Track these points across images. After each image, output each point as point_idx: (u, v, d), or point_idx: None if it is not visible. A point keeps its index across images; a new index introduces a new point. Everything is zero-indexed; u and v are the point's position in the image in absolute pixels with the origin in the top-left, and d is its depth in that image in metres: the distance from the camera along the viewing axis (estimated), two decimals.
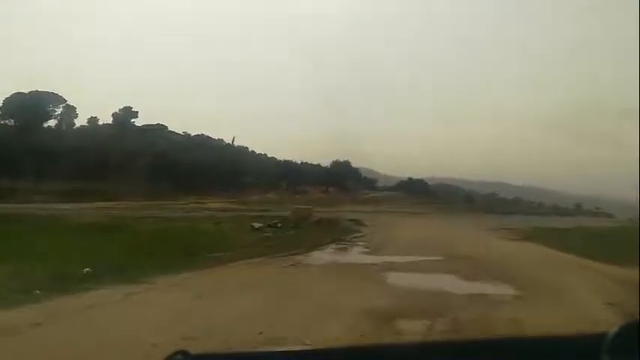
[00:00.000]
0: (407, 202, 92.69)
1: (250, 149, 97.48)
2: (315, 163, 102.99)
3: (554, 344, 1.44)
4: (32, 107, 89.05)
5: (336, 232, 30.97)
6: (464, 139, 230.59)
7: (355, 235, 30.12)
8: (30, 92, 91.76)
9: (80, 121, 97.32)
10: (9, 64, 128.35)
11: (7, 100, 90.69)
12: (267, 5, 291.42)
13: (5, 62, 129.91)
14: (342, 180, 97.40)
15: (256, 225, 34.06)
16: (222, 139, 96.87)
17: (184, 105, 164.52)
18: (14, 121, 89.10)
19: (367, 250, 22.93)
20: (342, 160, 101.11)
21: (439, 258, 19.87)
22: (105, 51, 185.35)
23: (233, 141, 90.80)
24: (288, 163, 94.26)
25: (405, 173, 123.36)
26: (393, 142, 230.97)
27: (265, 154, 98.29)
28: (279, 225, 34.80)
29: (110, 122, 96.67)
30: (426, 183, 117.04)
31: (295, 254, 20.30)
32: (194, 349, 1.40)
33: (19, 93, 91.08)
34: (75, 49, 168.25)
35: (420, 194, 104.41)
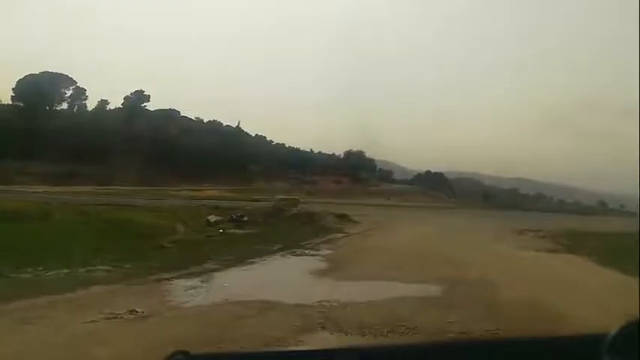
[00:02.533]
0: (422, 197, 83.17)
1: (261, 136, 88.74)
2: (329, 152, 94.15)
3: (555, 344, 1.40)
4: (41, 88, 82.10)
5: (308, 231, 22.26)
6: (483, 134, 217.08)
7: (330, 236, 21.25)
8: (40, 73, 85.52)
9: (91, 104, 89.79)
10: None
11: (19, 82, 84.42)
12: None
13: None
14: (355, 171, 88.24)
15: (213, 219, 25.54)
16: (231, 126, 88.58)
17: (198, 92, 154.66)
18: (21, 102, 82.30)
19: (322, 267, 13.91)
20: (355, 150, 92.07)
21: (431, 293, 10.83)
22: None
23: (238, 125, 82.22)
24: (297, 152, 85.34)
25: (423, 167, 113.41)
26: (412, 135, 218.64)
27: (276, 142, 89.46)
28: (244, 219, 26.23)
29: (120, 106, 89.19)
30: (445, 177, 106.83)
31: (194, 274, 11.80)
32: None
33: (30, 74, 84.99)
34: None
35: (437, 188, 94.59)
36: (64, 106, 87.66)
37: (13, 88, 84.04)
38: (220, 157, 74.01)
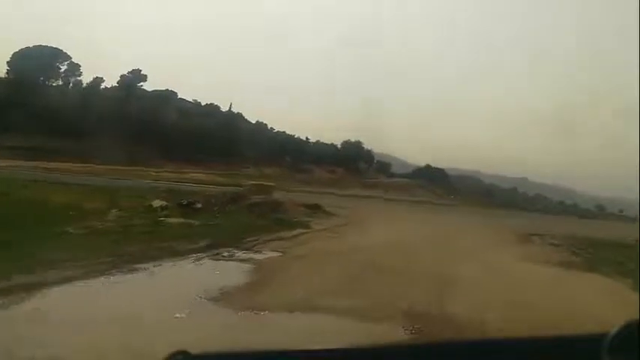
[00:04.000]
0: (421, 191, 78.29)
1: (257, 122, 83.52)
2: (328, 142, 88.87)
3: (555, 344, 1.32)
4: (33, 61, 77.46)
5: (262, 224, 17.43)
6: (486, 132, 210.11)
7: (286, 233, 16.16)
8: (34, 46, 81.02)
9: (86, 81, 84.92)
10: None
11: (14, 54, 79.97)
12: None
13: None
14: (352, 161, 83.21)
15: (157, 204, 20.73)
16: (232, 111, 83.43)
17: (196, 75, 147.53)
18: (12, 75, 77.77)
19: (236, 282, 8.81)
20: (353, 140, 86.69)
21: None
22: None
23: (230, 108, 77.23)
24: (294, 139, 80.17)
25: (423, 161, 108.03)
26: (414, 130, 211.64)
27: (272, 128, 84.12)
28: (197, 206, 21.43)
29: (116, 84, 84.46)
30: (445, 172, 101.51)
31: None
32: None
33: (25, 48, 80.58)
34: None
35: (436, 183, 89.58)
36: (59, 81, 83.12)
37: (7, 62, 79.83)
38: (214, 141, 69.27)
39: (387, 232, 19.30)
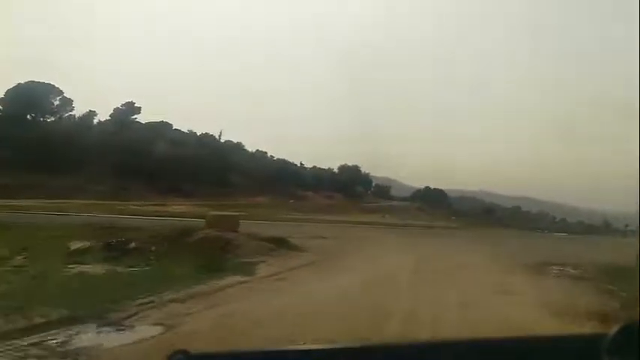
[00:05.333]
0: (420, 214, 73.22)
1: (246, 148, 78.96)
2: (325, 167, 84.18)
3: (555, 344, 1.35)
4: (24, 98, 74.09)
5: (186, 273, 12.54)
6: (485, 151, 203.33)
7: (205, 287, 11.15)
8: (26, 82, 77.68)
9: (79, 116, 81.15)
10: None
11: (8, 91, 76.62)
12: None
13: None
14: (349, 186, 78.34)
15: (76, 245, 16.07)
16: (231, 141, 78.94)
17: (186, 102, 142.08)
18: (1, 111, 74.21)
19: None
20: (350, 164, 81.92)
21: None
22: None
23: (220, 136, 72.89)
24: (288, 165, 75.43)
25: (422, 183, 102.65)
26: (413, 152, 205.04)
27: (265, 154, 79.33)
28: (130, 246, 16.73)
29: (109, 117, 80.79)
30: (445, 193, 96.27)
31: None
32: None
33: (18, 84, 77.28)
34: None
35: (436, 205, 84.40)
36: (51, 117, 79.47)
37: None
38: (205, 171, 64.86)
39: (363, 270, 14.42)
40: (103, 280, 11.87)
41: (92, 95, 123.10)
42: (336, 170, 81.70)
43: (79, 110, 79.10)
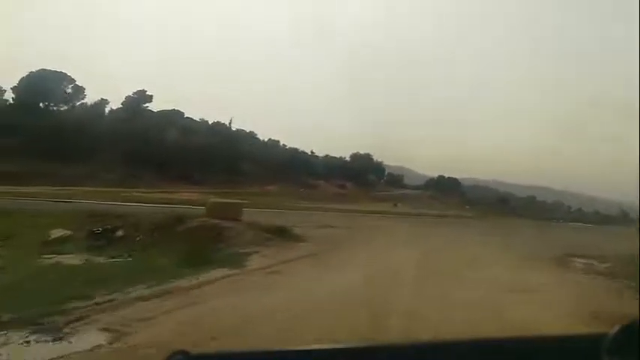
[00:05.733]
0: (433, 203, 71.33)
1: (258, 136, 77.43)
2: (336, 155, 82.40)
3: (555, 344, 1.32)
4: (37, 86, 73.55)
5: (170, 264, 11.15)
6: (500, 139, 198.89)
7: (185, 281, 9.82)
8: (38, 71, 76.99)
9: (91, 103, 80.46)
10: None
11: (21, 80, 76.11)
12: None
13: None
14: (362, 175, 76.54)
15: (56, 234, 14.83)
16: (243, 129, 77.43)
17: (202, 91, 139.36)
18: (15, 101, 73.71)
19: None
20: (362, 152, 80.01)
21: None
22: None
23: (230, 123, 71.46)
24: (300, 154, 73.78)
25: (436, 172, 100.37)
26: (426, 140, 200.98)
27: (281, 144, 77.84)
28: (117, 234, 15.46)
29: (121, 105, 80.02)
30: (459, 182, 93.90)
31: None
32: None
33: (30, 72, 76.62)
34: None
35: (450, 194, 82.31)
36: (64, 106, 78.86)
37: (12, 88, 76.13)
38: (217, 160, 63.72)
39: (366, 264, 12.92)
40: (75, 272, 10.55)
41: (104, 83, 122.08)
42: (348, 159, 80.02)
43: (90, 98, 78.46)
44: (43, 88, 73.11)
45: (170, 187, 53.97)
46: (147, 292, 8.48)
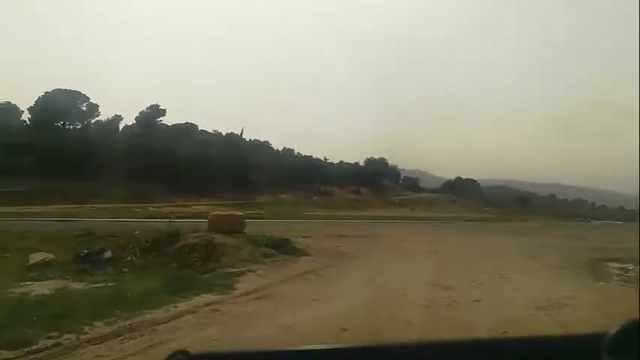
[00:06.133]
0: (452, 206, 69.22)
1: (272, 146, 76.14)
2: (351, 162, 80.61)
3: (555, 344, 1.32)
4: (52, 106, 73.70)
5: (135, 296, 9.66)
6: (514, 138, 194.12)
7: (159, 313, 8.27)
8: (53, 91, 77.14)
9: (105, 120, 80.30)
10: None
11: (37, 100, 76.38)
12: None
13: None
14: (376, 180, 74.67)
15: (37, 258, 13.52)
16: (259, 140, 76.20)
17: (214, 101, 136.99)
18: (32, 121, 73.85)
19: None
20: (377, 157, 78.05)
21: None
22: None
23: (242, 133, 70.31)
24: (314, 161, 72.15)
25: (453, 174, 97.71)
26: (442, 141, 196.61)
27: (291, 151, 76.34)
28: (106, 256, 14.12)
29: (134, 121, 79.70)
30: (477, 183, 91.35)
31: None
32: None
33: (45, 93, 76.83)
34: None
35: (468, 196, 79.96)
36: (78, 124, 78.85)
37: (28, 108, 76.44)
38: (228, 170, 62.61)
39: (373, 282, 11.32)
40: (38, 305, 9.15)
41: (117, 99, 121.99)
42: (362, 164, 78.20)
43: (104, 115, 78.38)
44: (58, 107, 73.13)
45: (182, 200, 52.98)
46: (106, 331, 7.04)
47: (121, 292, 10.32)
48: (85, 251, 13.94)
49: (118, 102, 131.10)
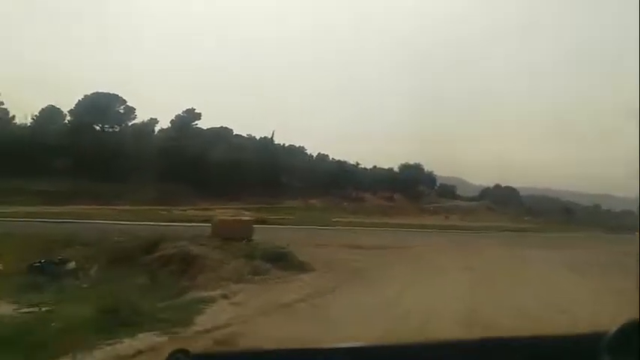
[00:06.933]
0: (489, 214, 64.85)
1: (307, 151, 73.49)
2: (385, 167, 77.07)
3: (555, 344, 1.29)
4: (90, 108, 73.88)
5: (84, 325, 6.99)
6: (557, 145, 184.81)
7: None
8: (92, 94, 77.32)
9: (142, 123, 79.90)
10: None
11: (78, 103, 76.82)
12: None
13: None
14: (411, 186, 70.77)
15: None
16: (293, 146, 73.92)
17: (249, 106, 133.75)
18: (72, 123, 74.03)
19: None
20: (412, 163, 74.07)
21: None
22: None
23: (272, 136, 67.91)
24: (343, 165, 68.85)
25: (491, 181, 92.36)
26: (480, 147, 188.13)
27: (325, 156, 73.40)
28: (68, 267, 11.62)
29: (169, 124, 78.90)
30: (517, 192, 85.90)
31: None
32: None
33: (84, 96, 77.12)
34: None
35: (507, 205, 75.06)
36: (115, 125, 78.71)
37: (69, 110, 76.95)
38: (261, 174, 60.52)
39: (387, 314, 8.30)
40: None
41: (153, 103, 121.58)
42: (396, 169, 74.47)
43: (140, 118, 77.96)
44: (96, 110, 73.23)
45: (209, 204, 50.98)
46: None
47: (46, 324, 7.69)
48: (41, 261, 11.47)
49: (155, 105, 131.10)
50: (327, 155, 75.92)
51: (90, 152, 60.31)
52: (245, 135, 78.71)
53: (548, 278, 13.02)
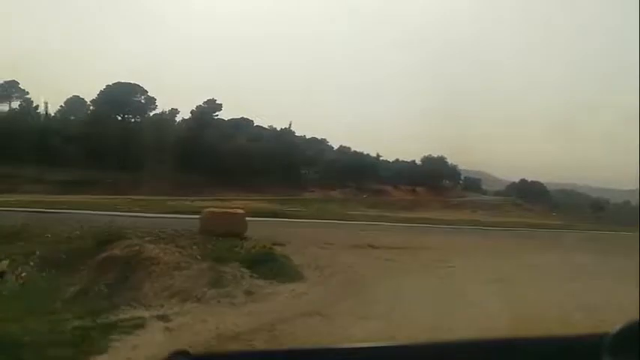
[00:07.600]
0: (515, 210, 61.09)
1: (329, 143, 70.73)
2: (407, 160, 73.68)
3: (555, 344, 1.27)
4: (112, 98, 73.05)
5: None
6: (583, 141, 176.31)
7: None
8: (114, 84, 76.22)
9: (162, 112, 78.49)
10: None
11: (100, 93, 75.97)
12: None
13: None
14: (434, 179, 67.27)
15: None
16: (312, 138, 71.53)
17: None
18: (93, 113, 73.14)
19: None
20: (435, 155, 70.36)
21: None
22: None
23: (290, 127, 65.41)
24: (364, 157, 65.74)
25: (517, 175, 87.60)
26: (506, 141, 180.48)
27: (348, 149, 70.46)
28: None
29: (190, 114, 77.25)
30: (545, 186, 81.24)
31: None
32: None
33: (106, 86, 76.08)
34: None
35: (535, 200, 70.84)
36: (137, 115, 77.53)
37: (91, 101, 76.29)
38: (279, 165, 58.26)
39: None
40: None
41: (174, 93, 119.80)
42: (419, 162, 70.97)
43: (161, 108, 76.69)
44: (118, 100, 72.36)
45: (226, 195, 48.89)
46: None
47: None
48: None
49: (177, 96, 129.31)
50: (348, 148, 73.40)
51: (109, 142, 59.14)
52: (266, 126, 76.59)
53: (607, 297, 9.89)
